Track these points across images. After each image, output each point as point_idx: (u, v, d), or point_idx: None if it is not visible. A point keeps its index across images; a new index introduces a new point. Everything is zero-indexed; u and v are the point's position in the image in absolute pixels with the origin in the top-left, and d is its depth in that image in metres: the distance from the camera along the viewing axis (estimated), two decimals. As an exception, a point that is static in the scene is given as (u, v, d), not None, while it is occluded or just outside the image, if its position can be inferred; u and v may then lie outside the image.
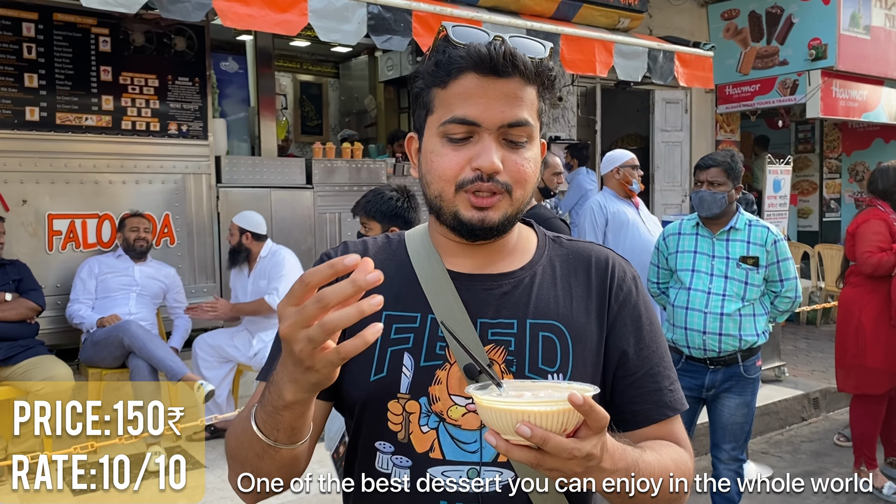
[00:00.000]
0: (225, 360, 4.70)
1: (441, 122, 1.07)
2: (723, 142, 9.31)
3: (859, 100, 8.91)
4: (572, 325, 1.12)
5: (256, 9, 3.98)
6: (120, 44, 5.00)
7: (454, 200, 1.07)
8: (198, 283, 5.32)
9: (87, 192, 4.89)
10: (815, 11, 8.44)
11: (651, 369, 1.15)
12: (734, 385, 3.32)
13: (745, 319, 3.32)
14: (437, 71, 1.07)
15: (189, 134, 5.26)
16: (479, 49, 1.05)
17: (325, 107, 9.12)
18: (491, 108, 1.05)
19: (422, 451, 1.08)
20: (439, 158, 1.07)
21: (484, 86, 1.05)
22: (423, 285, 1.12)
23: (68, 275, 4.72)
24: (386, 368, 1.09)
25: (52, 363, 4.07)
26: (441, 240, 1.16)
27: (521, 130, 1.07)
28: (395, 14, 4.52)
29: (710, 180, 3.41)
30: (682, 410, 1.16)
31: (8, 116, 4.63)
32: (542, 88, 1.11)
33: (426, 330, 1.10)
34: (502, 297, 1.12)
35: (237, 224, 4.72)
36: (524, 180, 1.08)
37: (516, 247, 1.17)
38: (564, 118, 7.74)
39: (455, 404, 1.08)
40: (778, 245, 3.33)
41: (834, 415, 5.65)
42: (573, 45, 5.35)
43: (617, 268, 1.19)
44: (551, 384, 0.98)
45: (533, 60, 1.08)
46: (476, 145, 1.06)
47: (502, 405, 0.86)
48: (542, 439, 0.84)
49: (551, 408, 0.85)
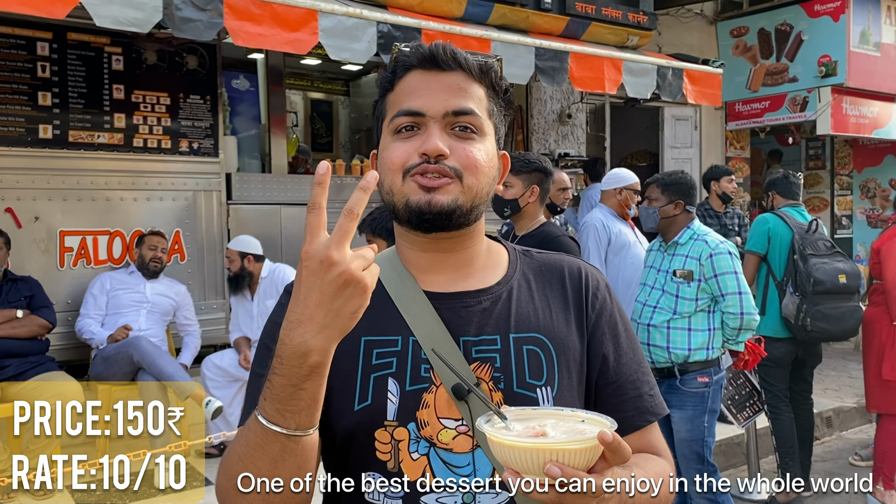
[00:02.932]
0: (234, 380, 4.70)
1: (390, 119, 1.10)
2: (732, 158, 9.29)
3: (870, 116, 8.88)
4: (554, 336, 1.11)
5: (267, 28, 4.02)
6: (132, 62, 5.05)
7: (403, 189, 1.07)
8: (207, 300, 5.33)
9: (99, 208, 4.93)
10: (824, 28, 8.43)
11: (631, 376, 1.15)
12: (672, 398, 3.32)
13: (674, 332, 3.37)
14: (386, 75, 1.13)
15: (200, 151, 5.29)
16: (420, 47, 1.10)
17: (336, 124, 9.16)
18: (435, 97, 1.07)
19: (414, 479, 1.04)
20: (388, 152, 1.09)
21: (427, 79, 1.08)
22: (400, 307, 1.10)
23: (79, 291, 4.75)
24: (370, 396, 1.05)
25: (62, 379, 4.08)
26: (410, 255, 1.15)
27: (468, 119, 1.07)
28: (405, 32, 4.55)
29: (648, 196, 3.57)
30: (663, 415, 1.16)
31: (21, 134, 4.68)
32: (491, 91, 1.12)
33: (409, 353, 1.07)
34: (483, 313, 1.10)
35: (235, 249, 4.70)
36: (474, 166, 1.07)
37: (488, 262, 1.16)
38: (574, 135, 7.75)
39: (444, 427, 1.05)
40: (714, 259, 3.32)
41: (848, 434, 5.58)
42: (582, 62, 5.36)
43: (590, 277, 1.19)
44: (554, 411, 0.95)
45: (477, 60, 1.10)
46: (423, 135, 1.07)
47: (530, 444, 0.83)
48: (572, 478, 0.82)
49: (579, 445, 0.83)
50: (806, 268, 4.13)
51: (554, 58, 5.22)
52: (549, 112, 7.54)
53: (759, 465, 4.44)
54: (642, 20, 6.15)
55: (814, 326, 4.10)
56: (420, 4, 4.99)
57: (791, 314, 4.15)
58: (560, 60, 5.24)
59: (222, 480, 0.99)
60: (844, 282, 4.12)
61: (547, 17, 5.61)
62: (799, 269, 4.14)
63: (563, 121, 7.59)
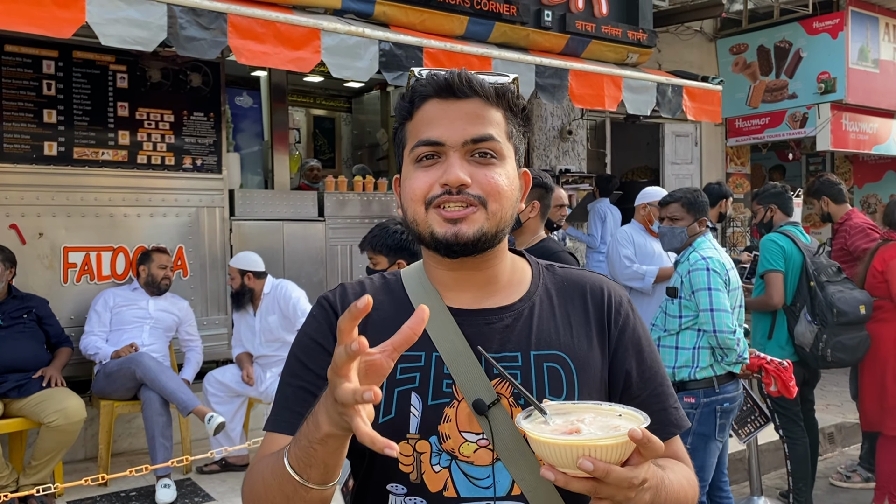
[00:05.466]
0: (235, 395, 4.71)
1: (410, 148, 1.11)
2: (733, 174, 9.32)
3: (870, 132, 8.92)
4: (575, 354, 1.13)
5: (270, 47, 4.06)
6: (137, 80, 5.10)
7: (427, 219, 1.09)
8: (209, 316, 5.35)
9: (103, 225, 4.96)
10: (823, 45, 8.50)
11: (654, 390, 1.17)
12: None
13: (663, 350, 3.34)
14: (404, 104, 1.13)
15: (203, 168, 5.33)
16: (436, 76, 1.10)
17: (338, 141, 9.22)
18: (453, 126, 1.08)
19: (435, 491, 1.07)
20: (410, 182, 1.11)
21: (445, 108, 1.09)
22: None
23: (83, 307, 4.77)
24: (394, 409, 1.09)
25: (65, 395, 4.09)
26: (436, 273, 1.17)
27: (487, 145, 1.08)
28: (407, 51, 4.59)
29: (669, 216, 3.51)
30: (686, 428, 1.19)
31: (27, 151, 4.72)
32: (509, 113, 1.13)
33: (431, 368, 1.10)
34: (504, 330, 1.12)
35: (236, 267, 4.72)
36: (497, 192, 1.08)
37: (512, 278, 1.18)
38: (574, 151, 7.79)
39: (466, 441, 1.08)
40: (692, 275, 3.30)
41: (849, 450, 5.57)
42: (582, 80, 5.41)
43: (613, 293, 1.20)
44: (593, 406, 0.99)
45: (493, 84, 1.11)
46: (443, 164, 1.08)
47: (562, 441, 0.88)
48: (605, 472, 0.86)
49: (611, 441, 0.88)
50: (825, 296, 4.01)
51: (554, 75, 5.26)
52: (550, 128, 7.59)
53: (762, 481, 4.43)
54: (642, 38, 6.21)
55: (833, 357, 4.01)
56: (422, 23, 5.04)
57: (807, 343, 4.04)
58: (560, 78, 5.29)
59: (255, 486, 1.06)
60: (864, 312, 4.06)
61: (547, 35, 5.67)
62: (817, 297, 4.02)
63: (564, 137, 7.64)
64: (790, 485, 4.20)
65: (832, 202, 5.02)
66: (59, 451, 4.03)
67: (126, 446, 4.91)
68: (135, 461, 4.34)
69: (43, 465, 4.00)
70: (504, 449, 1.06)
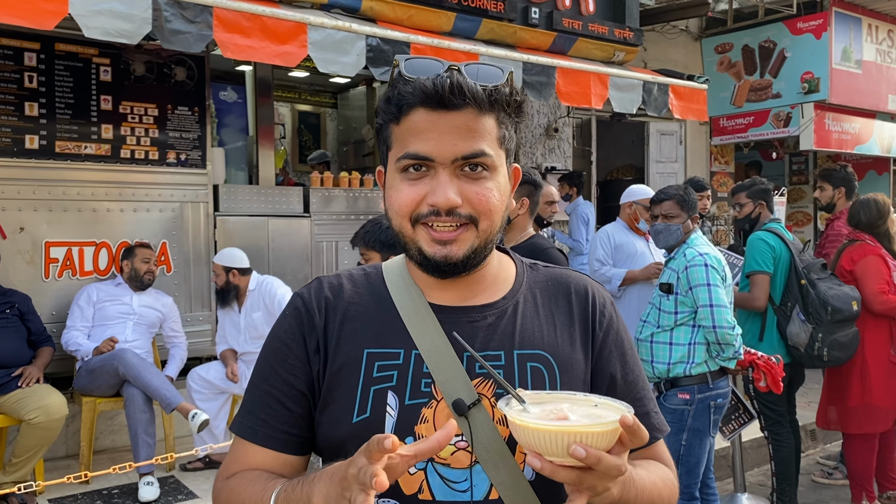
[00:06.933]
0: (220, 392, 4.67)
1: (397, 158, 1.05)
2: (717, 173, 9.38)
3: (852, 132, 9.00)
4: (558, 353, 1.11)
5: (257, 41, 4.02)
6: (120, 73, 5.04)
7: (414, 235, 1.05)
8: (193, 312, 5.31)
9: (85, 219, 4.90)
10: (807, 46, 8.56)
11: (637, 394, 1.16)
12: None
13: (656, 346, 3.34)
14: (389, 107, 1.05)
15: (188, 163, 5.28)
16: (424, 84, 1.02)
17: (324, 136, 9.18)
18: (443, 142, 1.02)
19: (410, 494, 1.03)
20: (396, 194, 1.06)
21: (434, 120, 1.02)
22: (406, 320, 1.09)
23: (64, 302, 4.71)
24: (369, 408, 1.05)
25: (46, 391, 4.04)
26: (418, 272, 1.12)
27: (479, 161, 1.03)
28: (394, 46, 4.57)
29: (663, 213, 3.51)
30: (667, 433, 1.18)
31: (7, 144, 4.65)
32: (502, 114, 1.07)
33: (410, 366, 1.06)
34: (488, 328, 1.10)
35: (220, 264, 4.68)
36: (489, 210, 1.04)
37: (497, 276, 1.16)
38: (560, 149, 7.80)
39: None
40: (689, 271, 3.30)
41: (831, 447, 5.62)
42: (569, 77, 5.41)
43: (597, 295, 1.19)
44: (567, 395, 0.97)
45: (486, 89, 1.03)
46: (432, 180, 1.03)
47: (554, 427, 0.86)
48: (597, 459, 0.85)
49: (602, 428, 0.87)
50: (818, 294, 3.95)
51: (541, 72, 5.26)
52: (536, 126, 7.59)
53: (745, 477, 4.46)
54: (628, 36, 6.22)
55: (830, 356, 3.96)
56: (409, 19, 5.02)
57: (802, 343, 3.97)
58: (547, 75, 5.28)
59: (231, 497, 1.06)
60: (857, 308, 4.00)
61: (534, 33, 5.66)
62: (810, 296, 3.96)
63: (550, 135, 7.64)
64: (774, 485, 4.21)
65: (845, 196, 5.11)
66: (40, 448, 3.98)
67: (108, 443, 4.86)
68: (117, 458, 4.29)
69: (24, 463, 3.95)
70: (483, 451, 1.03)
